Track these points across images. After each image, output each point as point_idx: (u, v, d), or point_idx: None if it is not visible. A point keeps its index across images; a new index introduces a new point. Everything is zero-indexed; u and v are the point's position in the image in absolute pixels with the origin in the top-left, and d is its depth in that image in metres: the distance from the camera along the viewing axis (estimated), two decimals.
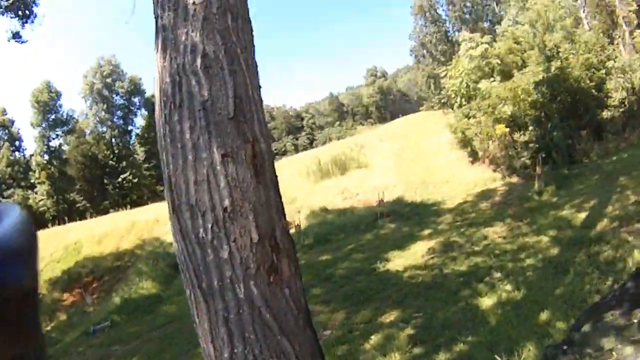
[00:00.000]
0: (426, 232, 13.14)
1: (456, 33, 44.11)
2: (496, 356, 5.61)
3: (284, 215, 2.98)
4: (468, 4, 46.94)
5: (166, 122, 2.96)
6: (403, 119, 38.08)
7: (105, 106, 52.53)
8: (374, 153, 24.75)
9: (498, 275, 8.56)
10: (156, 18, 3.10)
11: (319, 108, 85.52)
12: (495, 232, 11.37)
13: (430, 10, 47.28)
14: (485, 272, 8.84)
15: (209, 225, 2.61)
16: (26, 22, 17.81)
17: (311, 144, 73.97)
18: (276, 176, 3.08)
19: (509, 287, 7.90)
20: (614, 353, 4.39)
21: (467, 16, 46.38)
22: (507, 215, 12.44)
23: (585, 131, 15.73)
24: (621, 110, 16.02)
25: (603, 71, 16.57)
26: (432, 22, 47.45)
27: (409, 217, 15.36)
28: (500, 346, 6.04)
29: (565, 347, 5.23)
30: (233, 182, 2.71)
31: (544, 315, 6.50)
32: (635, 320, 4.99)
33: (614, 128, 16.01)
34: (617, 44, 20.92)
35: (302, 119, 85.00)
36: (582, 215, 10.42)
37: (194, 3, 2.95)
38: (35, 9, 18.00)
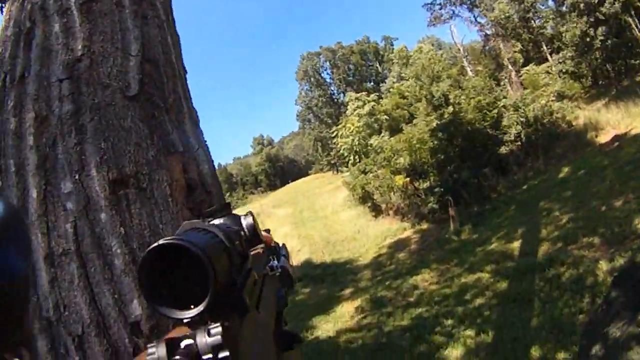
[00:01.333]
0: (347, 291, 11.89)
1: (341, 95, 46.15)
2: None
3: None
4: (351, 66, 49.73)
5: None
6: (294, 183, 37.90)
7: None
8: (271, 220, 23.66)
9: (450, 322, 7.54)
10: None
11: None
12: (425, 280, 10.52)
13: (314, 74, 49.20)
14: (433, 322, 7.80)
15: None
16: None
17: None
18: None
19: (470, 332, 6.89)
20: None
21: (352, 78, 48.90)
22: (431, 261, 11.66)
23: (487, 168, 15.94)
24: (518, 143, 16.63)
25: (495, 110, 17.29)
26: (317, 86, 49.48)
27: (323, 279, 13.96)
28: None
29: None
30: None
31: (535, 351, 5.55)
32: None
33: (516, 161, 16.46)
34: (504, 84, 22.66)
35: None
36: (515, 244, 9.92)
37: None
38: None
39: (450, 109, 17.52)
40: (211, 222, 0.61)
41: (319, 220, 22.39)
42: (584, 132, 15.56)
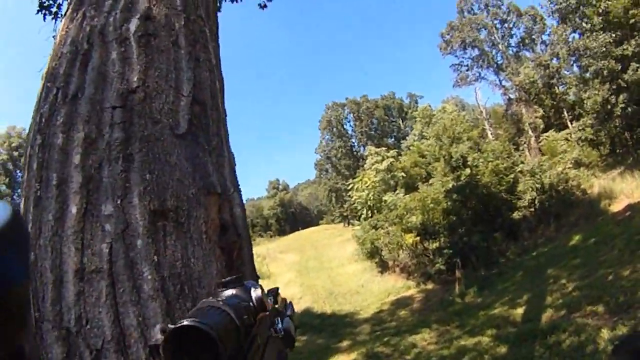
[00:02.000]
0: (344, 343, 11.54)
1: (361, 148, 46.48)
2: None
3: None
4: (374, 120, 50.30)
5: (40, 130, 1.76)
6: (303, 231, 37.66)
7: (7, 180, 46.45)
8: (277, 264, 23.42)
9: None
10: None
11: None
12: (424, 339, 10.19)
13: (337, 125, 49.68)
14: None
15: None
16: None
17: None
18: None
19: None
20: None
21: (373, 132, 49.36)
22: (432, 321, 11.29)
23: (498, 233, 15.75)
24: (531, 209, 16.41)
25: (512, 175, 17.20)
26: (338, 136, 49.78)
27: (321, 329, 13.58)
28: None
29: None
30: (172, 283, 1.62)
31: None
32: None
33: (527, 227, 16.20)
34: (523, 149, 22.63)
35: None
36: (519, 310, 9.59)
37: None
38: None
39: (468, 171, 17.53)
40: (225, 295, 0.73)
41: (324, 271, 22.14)
42: (598, 201, 15.31)
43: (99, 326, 1.46)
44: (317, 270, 22.45)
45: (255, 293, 0.73)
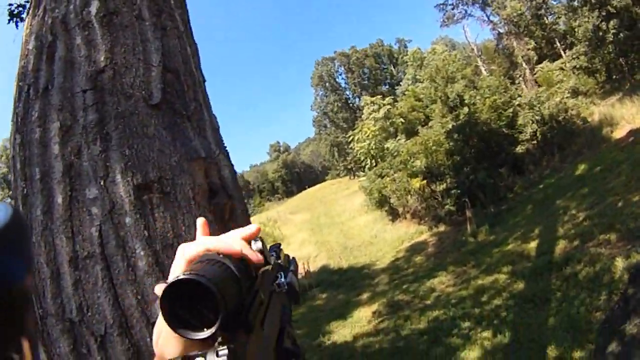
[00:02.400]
0: (364, 295, 11.75)
1: (357, 99, 46.14)
2: None
3: None
4: (366, 70, 49.65)
5: (18, 130, 1.77)
6: (310, 189, 37.81)
7: (10, 193, 46.39)
8: (288, 226, 23.66)
9: (467, 324, 7.43)
10: None
11: None
12: (442, 282, 10.38)
13: (329, 79, 49.21)
14: (450, 325, 7.68)
15: None
16: None
17: None
18: None
19: (486, 334, 6.79)
20: None
21: (366, 82, 48.83)
22: (448, 263, 11.49)
23: (503, 168, 15.76)
24: (534, 142, 16.45)
25: (510, 110, 17.12)
26: (332, 91, 49.48)
27: (340, 284, 13.87)
28: None
29: None
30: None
31: (551, 351, 5.43)
32: None
33: (532, 160, 16.26)
34: (519, 82, 22.44)
35: None
36: (532, 244, 9.73)
37: None
38: None
39: (466, 109, 17.38)
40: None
41: (335, 226, 22.34)
42: (599, 128, 15.27)
43: (100, 311, 1.50)
44: (328, 226, 22.68)
45: (255, 245, 0.71)
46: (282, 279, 0.80)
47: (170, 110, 1.76)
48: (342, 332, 9.43)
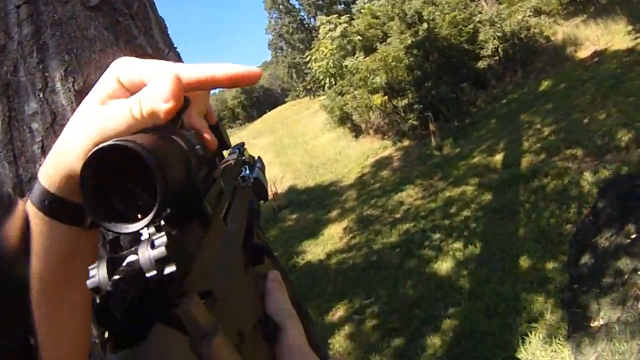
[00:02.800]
0: (334, 213, 11.98)
1: (312, 20, 45.23)
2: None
3: None
4: None
5: None
6: (271, 112, 37.48)
7: None
8: (252, 150, 23.13)
9: (437, 235, 7.71)
10: None
11: None
12: (410, 196, 10.60)
13: (283, 1, 48.31)
14: (421, 237, 7.94)
15: None
16: None
17: None
18: None
19: (458, 245, 7.10)
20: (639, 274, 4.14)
21: (321, 1, 47.79)
22: (415, 177, 11.73)
23: (465, 83, 15.86)
24: (495, 58, 16.42)
25: (471, 26, 16.89)
26: (286, 12, 48.68)
27: (308, 204, 14.08)
28: (500, 307, 5.04)
29: (575, 286, 4.48)
30: None
31: (524, 262, 5.73)
32: (636, 234, 4.71)
33: (494, 75, 16.33)
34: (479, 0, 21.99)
35: None
36: (498, 157, 10.00)
37: None
38: None
39: (425, 25, 17.05)
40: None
41: (299, 146, 22.30)
42: (563, 48, 15.30)
43: None
44: (292, 147, 22.63)
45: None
46: (247, 172, 0.73)
47: (111, 9, 1.63)
48: (314, 250, 9.65)
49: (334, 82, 21.28)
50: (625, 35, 13.43)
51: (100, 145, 0.37)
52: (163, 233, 0.35)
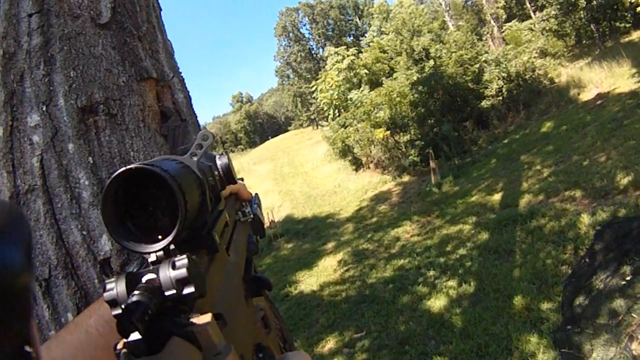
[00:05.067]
0: (329, 245, 11.90)
1: (320, 50, 45.93)
2: None
3: None
4: (330, 21, 49.31)
5: None
6: (273, 140, 37.77)
7: None
8: (252, 177, 23.58)
9: (432, 273, 7.61)
10: None
11: None
12: (406, 232, 10.55)
13: (293, 30, 49.08)
14: (415, 274, 7.84)
15: None
16: None
17: None
18: None
19: (452, 282, 6.98)
20: (634, 315, 4.05)
21: (331, 32, 48.55)
22: (412, 213, 11.68)
23: (468, 122, 16.00)
24: (499, 98, 16.60)
25: (476, 65, 17.16)
26: (295, 41, 49.76)
27: (305, 234, 14.00)
28: (491, 347, 4.91)
29: (569, 327, 4.53)
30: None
31: (518, 302, 5.59)
32: (631, 276, 4.64)
33: (497, 115, 16.48)
34: (486, 39, 22.43)
35: None
36: (497, 197, 9.98)
37: None
38: None
39: (431, 62, 17.37)
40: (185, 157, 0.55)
41: (299, 176, 22.33)
42: (567, 90, 15.50)
43: (44, 252, 1.37)
44: (292, 176, 22.65)
45: (221, 160, 0.61)
46: (248, 208, 0.75)
47: (120, 29, 1.61)
48: (308, 281, 9.52)
49: (337, 114, 21.47)
50: (629, 78, 13.59)
51: (125, 168, 0.39)
52: (184, 256, 0.39)
